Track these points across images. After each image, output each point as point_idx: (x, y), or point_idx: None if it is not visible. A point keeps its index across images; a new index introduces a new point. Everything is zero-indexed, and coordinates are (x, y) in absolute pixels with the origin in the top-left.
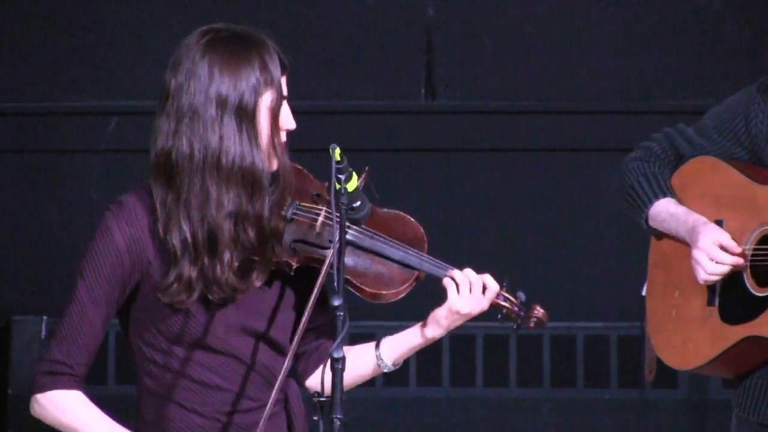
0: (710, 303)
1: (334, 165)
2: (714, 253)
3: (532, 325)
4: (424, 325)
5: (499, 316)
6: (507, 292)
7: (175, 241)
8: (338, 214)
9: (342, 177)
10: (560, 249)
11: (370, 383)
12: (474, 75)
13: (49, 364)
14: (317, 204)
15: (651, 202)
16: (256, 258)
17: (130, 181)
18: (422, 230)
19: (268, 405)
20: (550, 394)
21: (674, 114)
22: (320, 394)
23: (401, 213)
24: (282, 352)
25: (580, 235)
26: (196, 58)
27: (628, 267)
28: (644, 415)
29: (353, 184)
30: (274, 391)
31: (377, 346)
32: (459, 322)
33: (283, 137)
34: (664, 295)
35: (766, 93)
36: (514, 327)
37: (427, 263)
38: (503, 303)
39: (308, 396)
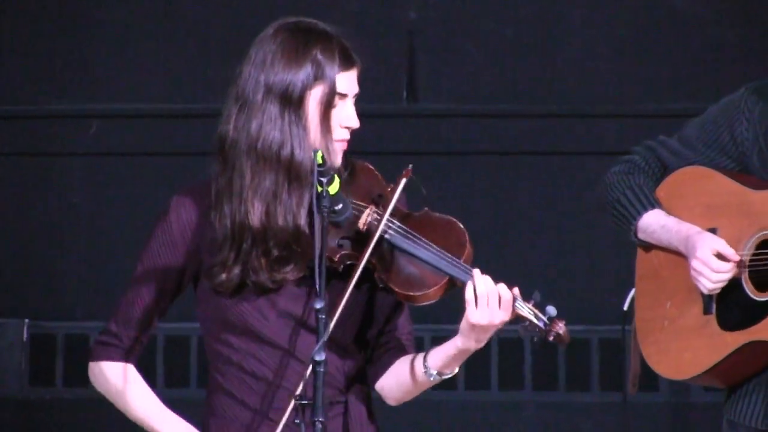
0: (707, 311)
1: (316, 168)
2: (713, 263)
3: (550, 338)
4: (457, 337)
5: (520, 327)
6: (535, 304)
7: (219, 224)
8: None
9: (324, 180)
10: (542, 252)
11: None
12: (456, 78)
13: (104, 335)
14: (378, 205)
15: (639, 215)
16: (293, 247)
17: (111, 185)
18: (466, 236)
19: (283, 416)
20: (531, 397)
21: (657, 117)
22: (302, 397)
23: (453, 219)
24: (346, 352)
25: (562, 239)
26: (259, 46)
27: (610, 270)
28: (626, 419)
29: (335, 187)
30: (293, 398)
31: (426, 355)
32: (486, 333)
33: (342, 135)
34: (654, 306)
35: (748, 101)
36: (534, 339)
37: (456, 268)
38: (527, 315)
39: (377, 398)
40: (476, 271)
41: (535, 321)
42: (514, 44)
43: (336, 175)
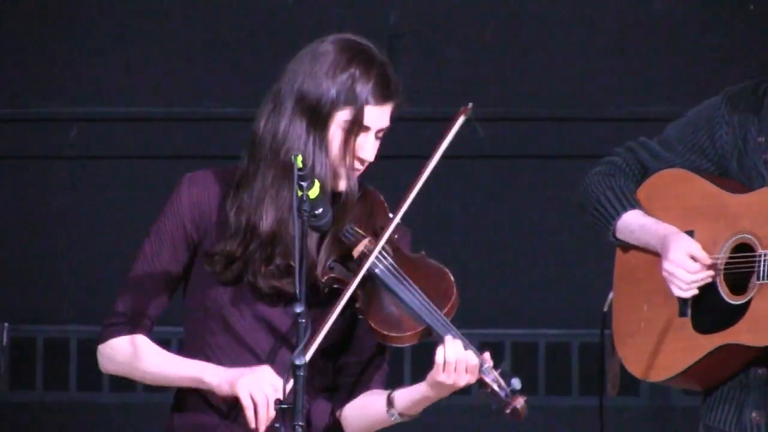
0: (682, 314)
1: (296, 172)
2: (687, 265)
3: (507, 412)
4: (423, 384)
5: (480, 390)
6: (501, 374)
7: (234, 217)
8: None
9: (304, 184)
10: (522, 257)
11: None
12: (436, 82)
13: (112, 318)
14: (378, 236)
15: (618, 215)
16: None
17: (93, 187)
18: (454, 291)
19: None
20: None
21: (638, 121)
22: (282, 401)
23: (445, 269)
24: (317, 373)
25: (542, 244)
26: (307, 53)
27: (590, 275)
28: (606, 423)
29: (315, 191)
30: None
31: (391, 393)
32: (450, 390)
33: (357, 165)
34: (631, 308)
35: (728, 105)
36: (492, 407)
37: (435, 321)
38: (491, 383)
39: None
40: (448, 338)
41: (497, 390)
42: (494, 48)
43: (316, 180)
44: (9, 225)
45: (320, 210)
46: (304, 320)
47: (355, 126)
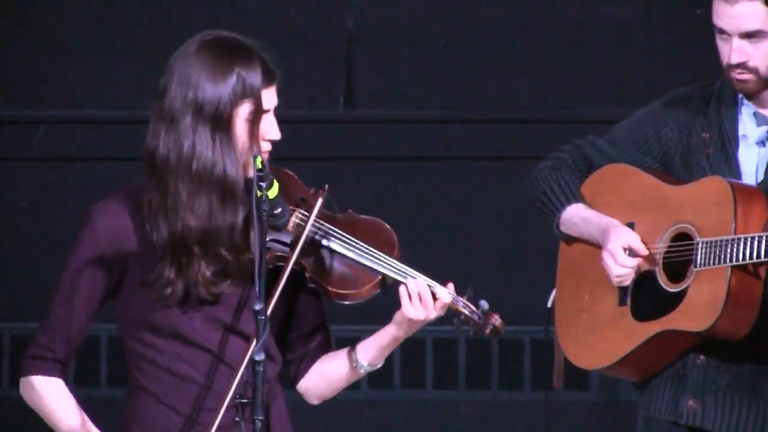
0: (622, 303)
1: (255, 173)
2: (618, 256)
3: (487, 332)
4: (391, 326)
5: (455, 320)
6: (468, 299)
7: (158, 239)
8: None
9: (263, 185)
10: (473, 255)
11: None
12: (391, 85)
13: (35, 349)
14: (300, 208)
15: (563, 207)
16: (231, 261)
17: (58, 188)
18: (394, 236)
19: (221, 410)
20: (465, 396)
21: (590, 123)
22: (242, 396)
23: (378, 219)
24: (268, 354)
25: (496, 242)
26: (182, 63)
27: (541, 273)
28: (556, 417)
29: (274, 191)
30: (227, 398)
31: (352, 349)
32: (416, 327)
33: (265, 147)
34: (573, 299)
35: (675, 105)
36: (471, 333)
37: (388, 267)
38: (462, 309)
39: (297, 400)
40: (412, 272)
41: (469, 315)
42: (447, 52)
43: (275, 180)
44: None
45: (279, 210)
46: (263, 317)
47: (258, 113)
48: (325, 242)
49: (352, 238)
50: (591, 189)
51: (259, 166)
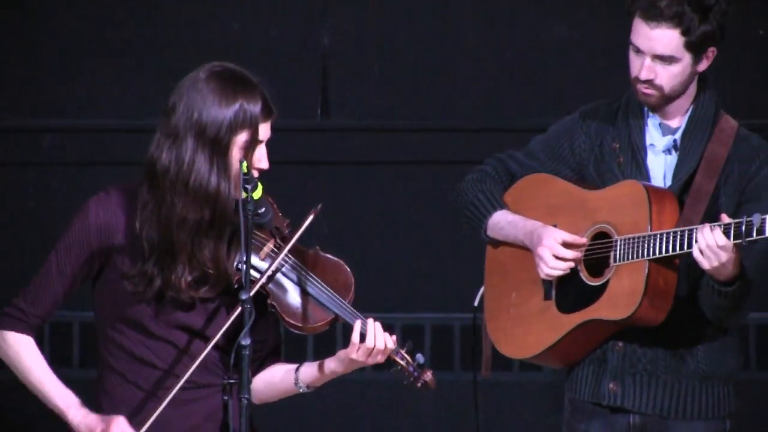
0: (547, 297)
1: (242, 176)
2: (557, 250)
3: (418, 385)
4: (332, 360)
5: (392, 369)
6: (407, 352)
7: (147, 240)
8: (245, 219)
9: (249, 187)
10: (424, 250)
11: None
12: (364, 96)
13: (12, 309)
14: (274, 237)
15: (489, 214)
16: (210, 272)
17: (64, 192)
18: (352, 280)
19: (177, 386)
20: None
21: (537, 131)
22: (230, 377)
23: (340, 262)
24: (222, 350)
25: (443, 239)
26: (191, 88)
27: (473, 266)
28: (482, 397)
29: (258, 192)
30: (184, 378)
31: (297, 369)
32: (355, 367)
33: (254, 174)
34: (501, 297)
35: (586, 118)
36: (404, 383)
37: (343, 309)
38: (400, 361)
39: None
40: (370, 321)
41: (406, 367)
42: (414, 67)
43: (259, 182)
44: None
45: (263, 209)
46: (249, 306)
47: (253, 143)
48: (290, 276)
49: (316, 277)
50: (514, 197)
51: (245, 170)
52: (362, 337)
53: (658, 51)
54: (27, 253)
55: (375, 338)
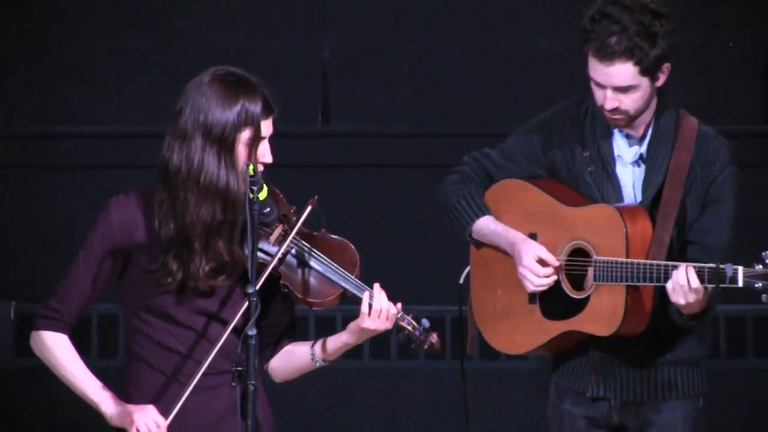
0: (532, 301)
1: (248, 178)
2: (536, 270)
3: (425, 347)
4: (344, 333)
5: (399, 335)
6: (413, 317)
7: (165, 236)
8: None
9: (255, 188)
10: (418, 248)
11: None
12: (362, 104)
13: (46, 310)
14: (282, 223)
15: (473, 221)
16: (226, 261)
17: (82, 193)
18: (357, 257)
19: (200, 371)
20: (396, 365)
21: None
22: (238, 364)
23: (345, 240)
24: (241, 336)
25: (437, 240)
26: (196, 91)
27: (463, 264)
28: (470, 383)
29: (264, 193)
30: (204, 365)
31: (312, 345)
32: (366, 336)
33: (260, 168)
34: (487, 290)
35: (557, 120)
36: (411, 346)
37: (350, 283)
38: (407, 326)
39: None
40: (376, 288)
41: (413, 331)
42: (411, 75)
43: (264, 184)
44: (16, 219)
45: (268, 209)
46: (255, 298)
47: (256, 140)
48: (300, 256)
49: (323, 255)
50: (494, 197)
51: (251, 172)
52: (370, 309)
53: (617, 84)
54: (50, 253)
55: (381, 301)
